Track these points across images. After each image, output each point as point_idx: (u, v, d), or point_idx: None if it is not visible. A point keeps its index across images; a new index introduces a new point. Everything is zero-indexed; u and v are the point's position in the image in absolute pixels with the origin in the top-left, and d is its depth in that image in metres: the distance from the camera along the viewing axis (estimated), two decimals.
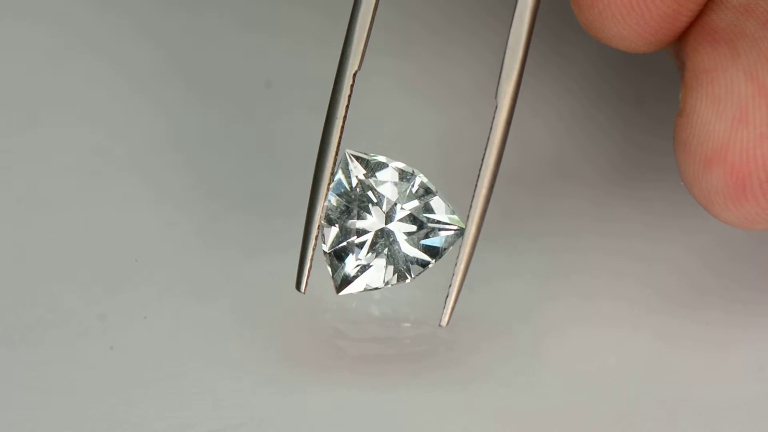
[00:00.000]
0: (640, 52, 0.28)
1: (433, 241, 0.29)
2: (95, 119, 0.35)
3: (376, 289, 0.29)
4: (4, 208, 0.33)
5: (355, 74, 0.28)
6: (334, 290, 0.29)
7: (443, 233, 0.29)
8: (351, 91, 0.28)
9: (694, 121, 0.27)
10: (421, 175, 0.29)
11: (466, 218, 0.28)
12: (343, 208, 0.29)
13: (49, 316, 0.31)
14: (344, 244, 0.29)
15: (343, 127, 0.28)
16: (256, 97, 0.35)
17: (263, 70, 0.36)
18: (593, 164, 0.34)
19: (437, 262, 0.29)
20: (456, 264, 0.28)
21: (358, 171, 0.29)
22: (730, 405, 0.30)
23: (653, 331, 0.31)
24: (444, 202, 0.29)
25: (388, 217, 0.29)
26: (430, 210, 0.29)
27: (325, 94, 0.28)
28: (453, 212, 0.29)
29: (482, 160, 0.28)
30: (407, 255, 0.29)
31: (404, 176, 0.29)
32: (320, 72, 0.34)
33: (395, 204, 0.29)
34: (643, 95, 0.35)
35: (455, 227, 0.29)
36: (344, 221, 0.29)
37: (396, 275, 0.29)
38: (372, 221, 0.29)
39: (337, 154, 0.28)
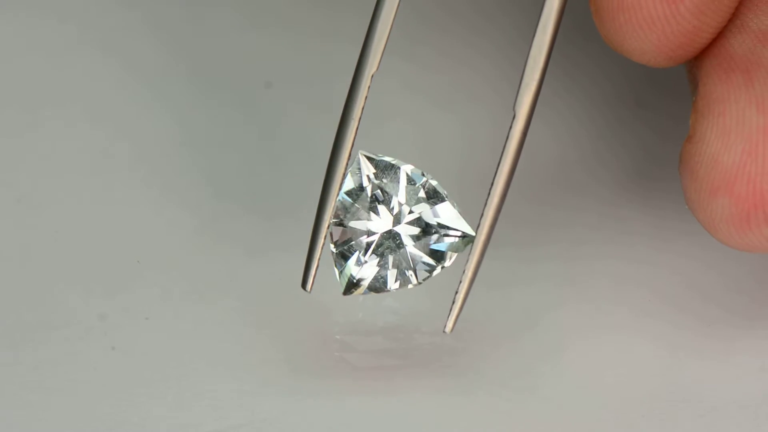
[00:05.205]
0: (660, 67, 0.28)
1: (440, 246, 0.29)
2: (96, 119, 0.35)
3: (381, 290, 0.29)
4: (4, 208, 0.33)
5: (372, 75, 0.28)
6: (339, 291, 0.29)
7: (449, 238, 0.29)
8: (368, 92, 0.28)
9: (703, 149, 0.27)
10: (432, 178, 0.29)
11: (477, 224, 0.28)
12: (352, 209, 0.29)
13: (50, 317, 0.31)
14: (351, 244, 0.29)
15: (357, 128, 0.28)
16: (258, 96, 0.35)
17: (264, 69, 0.36)
18: (598, 170, 0.34)
19: (445, 268, 0.29)
20: (464, 271, 0.28)
21: (369, 172, 0.29)
22: (731, 406, 0.30)
23: (656, 334, 0.31)
24: (453, 206, 0.29)
25: (396, 220, 0.29)
26: (438, 214, 0.29)
27: (328, 94, 0.28)
28: (461, 218, 0.29)
29: (496, 168, 0.28)
30: (413, 258, 0.29)
31: (415, 179, 0.29)
32: (323, 71, 0.34)
33: (404, 206, 0.29)
34: (647, 100, 0.35)
35: (462, 233, 0.29)
36: (352, 222, 0.29)
37: (401, 278, 0.29)
38: (380, 223, 0.29)
39: (350, 154, 0.28)
